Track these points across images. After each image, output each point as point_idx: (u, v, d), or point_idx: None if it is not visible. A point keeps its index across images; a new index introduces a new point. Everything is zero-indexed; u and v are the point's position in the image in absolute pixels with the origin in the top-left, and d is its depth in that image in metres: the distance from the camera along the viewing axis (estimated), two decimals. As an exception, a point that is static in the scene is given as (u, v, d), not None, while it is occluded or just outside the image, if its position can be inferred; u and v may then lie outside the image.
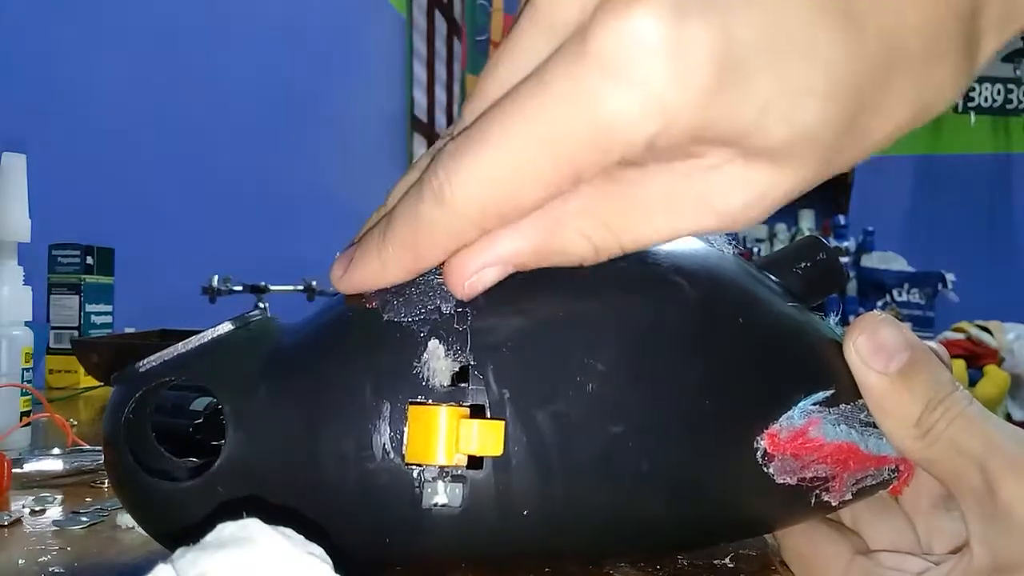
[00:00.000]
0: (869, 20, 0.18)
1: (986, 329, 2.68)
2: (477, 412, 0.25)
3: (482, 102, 0.22)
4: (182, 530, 0.26)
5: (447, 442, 0.24)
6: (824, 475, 0.27)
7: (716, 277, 0.28)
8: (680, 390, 0.26)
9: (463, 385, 0.25)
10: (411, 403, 0.25)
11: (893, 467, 0.28)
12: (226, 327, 0.27)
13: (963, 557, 0.26)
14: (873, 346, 0.26)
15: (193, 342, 0.27)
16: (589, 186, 0.21)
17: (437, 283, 0.26)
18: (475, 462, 0.25)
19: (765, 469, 0.26)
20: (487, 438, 0.24)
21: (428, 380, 0.25)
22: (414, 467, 0.25)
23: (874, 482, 0.28)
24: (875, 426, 0.27)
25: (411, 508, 0.25)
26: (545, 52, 0.19)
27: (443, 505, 0.25)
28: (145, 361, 0.26)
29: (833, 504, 0.28)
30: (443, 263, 0.23)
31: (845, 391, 0.27)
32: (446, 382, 0.25)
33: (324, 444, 0.25)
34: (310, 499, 0.25)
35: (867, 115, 0.19)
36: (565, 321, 0.26)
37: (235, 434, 0.25)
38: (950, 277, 3.39)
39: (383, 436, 0.25)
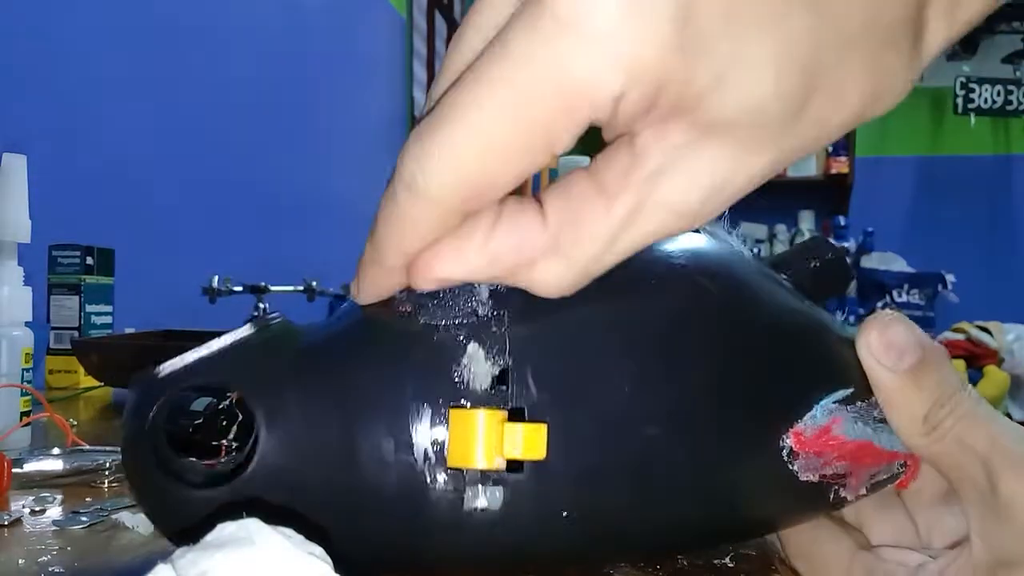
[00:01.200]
0: (825, 3, 0.18)
1: (986, 330, 2.68)
2: (516, 415, 0.25)
3: (449, 78, 0.21)
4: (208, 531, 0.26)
5: (487, 446, 0.24)
6: (843, 472, 0.27)
7: (739, 278, 0.28)
8: (711, 390, 0.26)
9: (503, 388, 0.25)
10: (452, 407, 0.25)
11: (902, 462, 0.29)
12: (247, 330, 0.27)
13: (963, 551, 0.26)
14: (885, 344, 0.27)
15: (214, 345, 0.26)
16: (552, 217, 0.20)
17: (470, 285, 0.26)
18: (515, 465, 0.25)
19: (790, 467, 0.26)
20: (531, 441, 0.24)
21: (468, 383, 0.25)
22: (455, 471, 0.25)
23: (886, 477, 0.29)
24: (887, 422, 0.28)
25: (451, 512, 0.25)
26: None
27: (483, 509, 0.25)
28: (165, 365, 0.26)
29: (850, 499, 0.28)
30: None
31: (860, 389, 0.28)
32: (486, 385, 0.25)
33: (363, 448, 0.25)
34: (347, 502, 0.25)
35: (820, 97, 0.19)
36: (599, 323, 0.26)
37: (268, 438, 0.25)
38: (950, 278, 3.39)
39: (424, 440, 0.25)
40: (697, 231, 0.30)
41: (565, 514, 0.25)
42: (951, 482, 0.27)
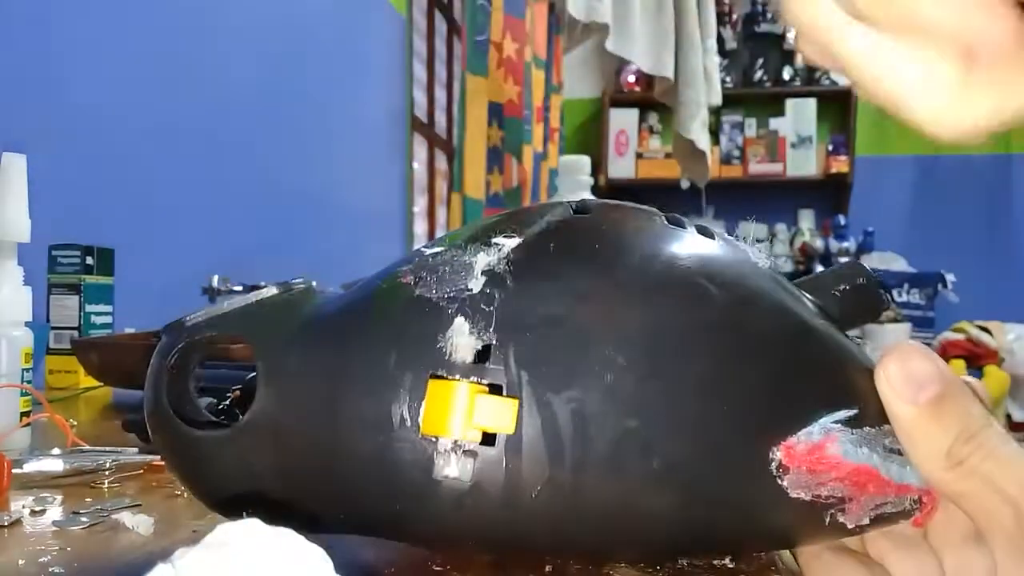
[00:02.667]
0: None
1: (986, 329, 2.68)
2: (496, 391, 0.25)
3: None
4: (207, 475, 0.28)
5: (462, 417, 0.25)
6: (840, 495, 0.27)
7: (745, 285, 0.28)
8: (698, 392, 0.26)
9: (484, 363, 0.25)
10: (432, 376, 0.25)
11: (916, 498, 0.28)
12: (270, 291, 0.29)
13: None
14: (904, 376, 0.26)
15: (239, 302, 0.29)
16: None
17: (468, 262, 0.27)
18: (489, 439, 0.25)
19: (779, 481, 0.26)
20: (500, 414, 0.25)
21: (451, 355, 0.26)
22: (429, 438, 0.25)
23: (894, 510, 0.28)
24: (899, 453, 0.27)
25: (423, 478, 0.25)
26: None
27: (454, 478, 0.25)
28: (192, 316, 0.28)
29: (849, 527, 0.27)
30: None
31: (871, 414, 0.27)
32: (468, 359, 0.25)
33: (345, 408, 0.26)
34: (327, 460, 0.26)
35: None
36: (590, 312, 0.26)
37: (265, 390, 0.27)
38: (950, 277, 3.39)
39: (402, 405, 0.26)
40: (712, 238, 0.30)
41: (534, 495, 0.25)
42: (976, 522, 0.26)
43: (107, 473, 0.44)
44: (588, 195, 2.79)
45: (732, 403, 0.26)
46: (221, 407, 0.32)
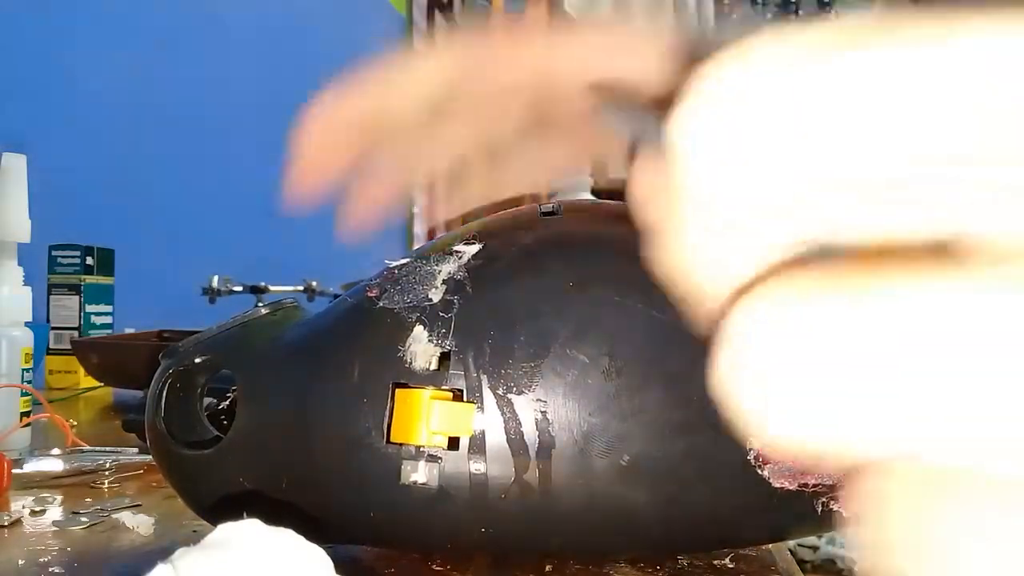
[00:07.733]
0: None
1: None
2: (458, 396, 0.26)
3: None
4: (197, 490, 0.30)
5: (427, 423, 0.25)
6: (831, 482, 0.26)
7: None
8: (664, 384, 0.26)
9: (445, 370, 0.26)
10: (396, 385, 0.26)
11: None
12: (258, 312, 0.30)
13: None
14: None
15: (227, 324, 0.30)
16: None
17: (431, 272, 0.28)
18: (455, 444, 0.26)
19: (759, 471, 0.26)
20: (456, 419, 0.25)
21: (411, 363, 0.26)
22: (396, 446, 0.26)
23: None
24: None
25: (391, 485, 0.26)
26: None
27: (421, 483, 0.26)
28: (187, 341, 0.30)
29: (847, 515, 0.27)
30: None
31: None
32: (428, 366, 0.26)
33: (316, 420, 0.27)
34: (302, 472, 0.27)
35: None
36: (550, 313, 0.26)
37: (245, 409, 0.28)
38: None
39: (369, 415, 0.26)
40: None
41: (503, 496, 0.26)
42: None
43: (107, 473, 0.44)
44: (588, 195, 2.79)
45: (701, 393, 0.26)
46: (221, 407, 0.32)
